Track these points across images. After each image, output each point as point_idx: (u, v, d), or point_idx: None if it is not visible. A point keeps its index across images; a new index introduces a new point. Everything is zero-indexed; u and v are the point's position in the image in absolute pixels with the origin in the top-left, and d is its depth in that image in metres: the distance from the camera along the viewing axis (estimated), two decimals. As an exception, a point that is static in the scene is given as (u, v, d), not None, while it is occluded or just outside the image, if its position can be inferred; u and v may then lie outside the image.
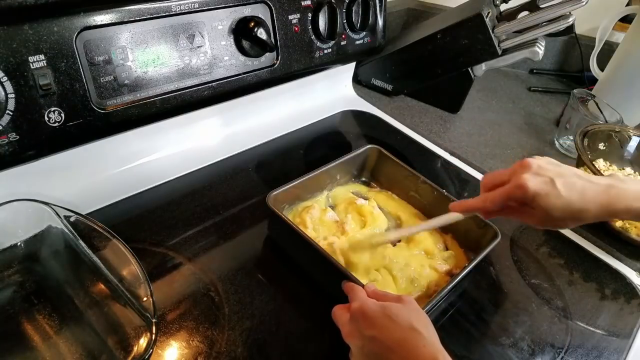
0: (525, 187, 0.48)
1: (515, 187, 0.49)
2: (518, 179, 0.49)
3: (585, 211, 0.48)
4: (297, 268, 0.59)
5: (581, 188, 0.48)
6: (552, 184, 0.48)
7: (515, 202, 0.50)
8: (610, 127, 0.87)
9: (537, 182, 0.48)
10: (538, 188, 0.48)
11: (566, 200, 0.47)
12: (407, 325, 0.42)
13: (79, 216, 0.52)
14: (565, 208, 0.48)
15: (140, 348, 0.44)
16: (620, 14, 1.06)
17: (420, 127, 0.95)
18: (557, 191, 0.47)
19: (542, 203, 0.48)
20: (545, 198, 0.48)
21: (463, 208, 0.54)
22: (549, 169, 0.49)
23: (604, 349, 0.57)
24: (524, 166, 0.50)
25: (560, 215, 0.48)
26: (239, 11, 0.64)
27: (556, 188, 0.48)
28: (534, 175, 0.49)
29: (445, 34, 0.91)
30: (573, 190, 0.48)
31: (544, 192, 0.48)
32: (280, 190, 0.59)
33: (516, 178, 0.49)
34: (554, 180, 0.48)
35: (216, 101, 0.67)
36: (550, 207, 0.48)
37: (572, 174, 0.49)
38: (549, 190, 0.48)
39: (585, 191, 0.48)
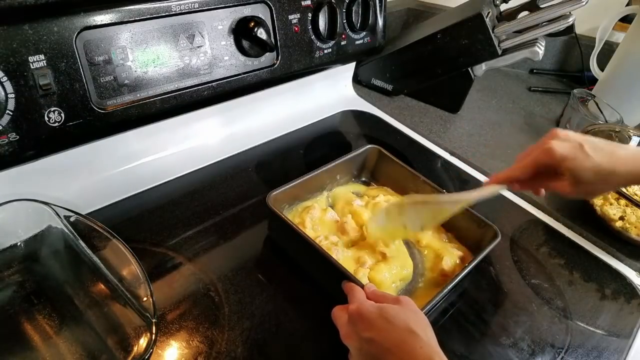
0: (552, 151, 0.49)
1: (543, 151, 0.50)
2: (545, 145, 0.50)
3: (614, 174, 0.48)
4: (297, 268, 0.59)
5: (610, 150, 0.48)
6: (579, 148, 0.48)
7: (544, 167, 0.51)
8: (610, 127, 0.87)
9: (565, 146, 0.49)
10: (566, 152, 0.48)
11: (595, 162, 0.47)
12: (404, 327, 0.42)
13: (79, 216, 0.52)
14: (595, 170, 0.48)
15: (140, 348, 0.44)
16: (620, 14, 1.06)
17: (420, 127, 0.95)
18: (585, 154, 0.48)
19: (570, 166, 0.48)
20: (573, 161, 0.48)
21: (498, 179, 0.54)
22: (576, 136, 0.50)
23: (604, 349, 0.57)
24: (552, 135, 0.51)
25: (590, 177, 0.48)
26: (239, 11, 0.64)
27: (584, 151, 0.48)
28: (561, 141, 0.50)
29: (445, 34, 0.91)
30: (601, 152, 0.48)
31: (572, 156, 0.48)
32: (280, 190, 0.59)
33: (544, 143, 0.50)
34: (582, 144, 0.48)
35: (216, 101, 0.67)
36: (579, 170, 0.48)
37: (601, 140, 0.50)
38: (577, 154, 0.48)
39: (614, 153, 0.48)
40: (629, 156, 0.48)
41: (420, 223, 0.58)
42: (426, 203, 0.58)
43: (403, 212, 0.58)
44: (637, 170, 0.48)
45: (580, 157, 0.48)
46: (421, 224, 0.58)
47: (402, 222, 0.58)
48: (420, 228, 0.58)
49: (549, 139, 0.51)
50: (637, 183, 0.49)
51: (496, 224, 0.60)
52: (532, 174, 0.52)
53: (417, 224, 0.58)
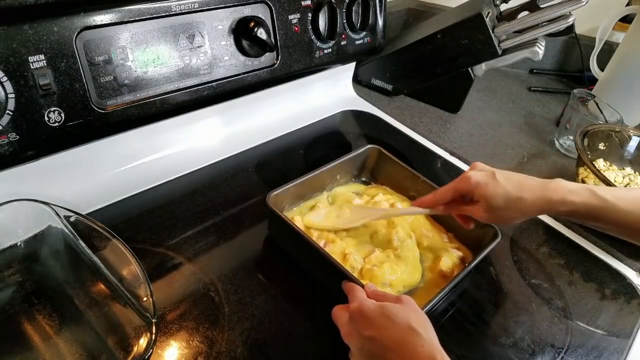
0: (468, 178, 0.55)
1: (459, 179, 0.56)
2: (463, 174, 0.56)
3: (523, 200, 0.52)
4: (297, 268, 0.59)
5: (519, 179, 0.54)
6: (492, 176, 0.54)
7: (461, 193, 0.56)
8: (610, 127, 0.87)
9: (479, 174, 0.55)
10: (479, 178, 0.54)
11: (504, 189, 0.53)
12: (405, 325, 0.42)
13: (79, 216, 0.52)
14: (504, 196, 0.53)
15: (140, 348, 0.44)
16: (620, 14, 1.06)
17: (420, 127, 0.95)
18: (497, 181, 0.53)
19: (483, 192, 0.53)
20: (485, 187, 0.53)
21: (422, 203, 0.60)
22: (491, 167, 0.56)
23: (604, 349, 0.57)
24: (472, 166, 0.58)
25: (500, 203, 0.53)
26: (239, 11, 0.64)
27: (495, 178, 0.54)
28: (477, 171, 0.56)
29: (445, 34, 0.91)
30: (511, 181, 0.53)
31: (484, 182, 0.54)
32: (280, 190, 0.59)
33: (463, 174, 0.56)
34: (494, 173, 0.54)
35: (216, 101, 0.67)
36: (490, 196, 0.53)
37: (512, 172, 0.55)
38: (489, 181, 0.54)
39: (523, 181, 0.53)
40: (535, 185, 0.53)
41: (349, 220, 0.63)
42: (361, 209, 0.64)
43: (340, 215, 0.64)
44: (542, 198, 0.52)
45: (491, 184, 0.53)
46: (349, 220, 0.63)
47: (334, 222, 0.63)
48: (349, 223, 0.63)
49: (468, 170, 0.57)
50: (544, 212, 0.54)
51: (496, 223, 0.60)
52: (450, 199, 0.57)
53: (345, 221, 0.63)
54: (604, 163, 0.85)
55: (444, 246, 0.63)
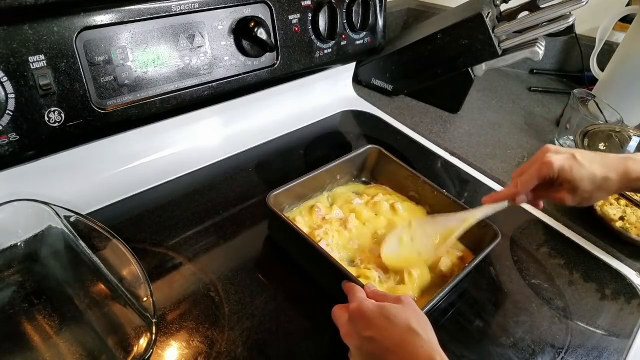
0: (550, 163, 0.53)
1: (541, 165, 0.53)
2: (543, 159, 0.54)
3: (608, 179, 0.52)
4: (297, 268, 0.59)
5: (600, 158, 0.53)
6: (573, 158, 0.52)
7: (544, 180, 0.54)
8: (610, 127, 0.87)
9: (560, 157, 0.53)
10: (562, 162, 0.52)
11: (589, 170, 0.52)
12: (404, 326, 0.42)
13: (79, 216, 0.52)
14: (590, 177, 0.52)
15: (140, 348, 0.44)
16: (620, 14, 1.06)
17: (420, 127, 0.95)
18: (579, 163, 0.52)
19: (568, 176, 0.52)
20: (569, 171, 0.52)
21: (494, 199, 0.58)
22: (568, 149, 0.55)
23: (604, 349, 0.57)
24: (545, 150, 0.55)
25: (586, 185, 0.52)
26: (239, 11, 0.64)
27: (578, 160, 0.52)
28: (556, 154, 0.54)
29: (445, 34, 0.91)
30: (593, 161, 0.52)
31: (568, 166, 0.52)
32: (280, 190, 0.59)
33: (541, 158, 0.54)
34: (574, 155, 0.53)
35: (216, 101, 0.67)
36: (576, 179, 0.52)
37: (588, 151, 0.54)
38: (572, 163, 0.52)
39: (605, 160, 0.52)
40: (616, 162, 0.52)
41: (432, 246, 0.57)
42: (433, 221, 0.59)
43: (414, 236, 0.59)
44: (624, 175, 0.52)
45: (575, 166, 0.52)
46: (433, 246, 0.57)
47: (416, 249, 0.58)
48: (434, 251, 0.57)
49: (543, 153, 0.55)
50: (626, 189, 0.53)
51: (496, 224, 0.60)
52: (533, 187, 0.55)
53: (429, 247, 0.57)
54: (604, 163, 0.85)
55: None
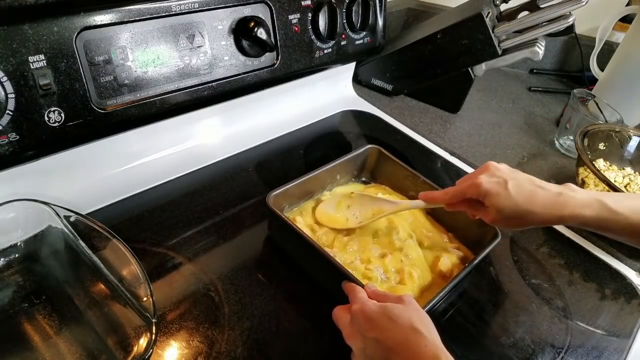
0: (478, 186, 0.53)
1: (470, 184, 0.54)
2: (475, 179, 0.54)
3: (532, 213, 0.51)
4: (297, 268, 0.59)
5: (530, 192, 0.52)
6: (503, 185, 0.52)
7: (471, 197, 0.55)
8: (610, 127, 0.87)
9: (491, 182, 0.53)
10: (490, 187, 0.52)
11: (514, 202, 0.51)
12: (408, 326, 0.42)
13: (79, 216, 0.52)
14: (514, 208, 0.51)
15: (140, 348, 0.44)
16: (620, 14, 1.06)
17: (420, 127, 0.95)
18: (507, 192, 0.51)
19: (493, 201, 0.52)
20: (495, 197, 0.52)
21: (428, 198, 0.60)
22: (505, 172, 0.54)
23: (604, 349, 0.57)
24: (484, 168, 0.56)
25: (509, 214, 0.52)
26: (239, 11, 0.64)
27: (507, 189, 0.52)
28: (489, 176, 0.54)
29: (445, 34, 0.91)
30: (522, 192, 0.51)
31: (495, 192, 0.52)
32: (280, 190, 0.59)
33: (474, 177, 0.55)
34: (506, 182, 0.52)
35: (216, 101, 0.67)
36: (499, 206, 0.52)
37: (527, 179, 0.53)
38: (500, 191, 0.52)
39: (534, 195, 0.51)
40: (546, 199, 0.51)
41: (360, 219, 0.63)
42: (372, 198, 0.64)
43: (350, 205, 0.64)
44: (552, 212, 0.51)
45: (502, 195, 0.52)
46: (360, 219, 0.63)
47: (347, 216, 0.64)
48: (359, 223, 0.63)
49: (479, 172, 0.55)
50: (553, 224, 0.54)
51: (496, 224, 0.60)
52: (459, 201, 0.56)
53: (359, 219, 0.63)
54: (604, 163, 0.85)
55: (444, 246, 0.63)
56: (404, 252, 0.60)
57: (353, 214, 0.64)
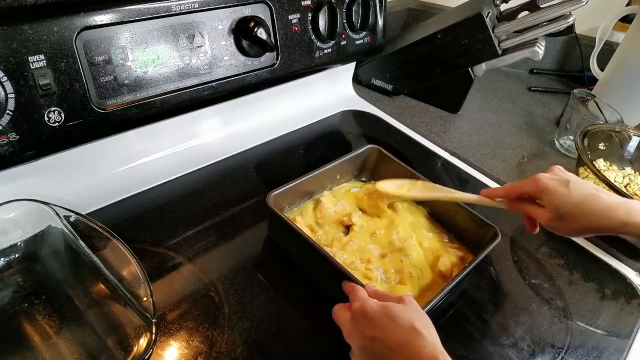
0: (537, 181, 0.51)
1: (529, 180, 0.53)
2: (534, 175, 0.53)
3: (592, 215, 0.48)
4: (297, 268, 0.59)
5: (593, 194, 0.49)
6: (565, 184, 0.50)
7: (528, 194, 0.53)
8: (610, 127, 0.87)
9: (551, 179, 0.51)
10: (549, 183, 0.50)
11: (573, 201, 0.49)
12: (408, 326, 0.42)
13: (79, 216, 0.52)
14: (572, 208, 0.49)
15: (140, 348, 0.44)
16: (620, 14, 1.06)
17: (420, 127, 0.95)
18: (567, 190, 0.49)
19: (550, 198, 0.50)
20: (554, 194, 0.50)
21: (489, 194, 0.58)
22: (569, 175, 0.52)
23: (604, 349, 0.57)
24: (548, 170, 0.54)
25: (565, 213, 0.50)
26: (239, 11, 0.64)
27: (568, 188, 0.49)
28: (551, 175, 0.52)
29: (445, 34, 0.91)
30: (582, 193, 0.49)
31: (553, 188, 0.50)
32: (280, 190, 0.59)
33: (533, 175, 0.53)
34: (568, 182, 0.50)
35: (216, 101, 0.67)
36: (557, 204, 0.50)
37: (590, 184, 0.50)
38: (559, 189, 0.50)
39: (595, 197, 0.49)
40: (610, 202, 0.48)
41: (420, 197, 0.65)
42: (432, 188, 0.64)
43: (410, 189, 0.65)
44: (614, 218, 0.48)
45: (562, 192, 0.49)
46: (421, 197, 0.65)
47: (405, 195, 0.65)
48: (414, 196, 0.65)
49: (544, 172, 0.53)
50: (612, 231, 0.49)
51: (496, 224, 0.60)
52: (516, 197, 0.55)
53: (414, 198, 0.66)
54: (604, 163, 0.85)
55: (444, 246, 0.63)
56: (404, 252, 0.60)
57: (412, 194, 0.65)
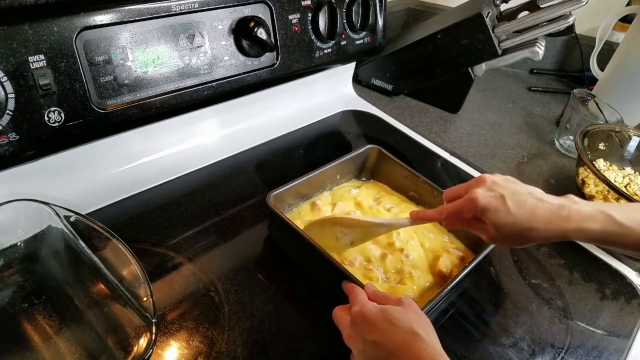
0: (475, 201, 0.49)
1: (466, 200, 0.50)
2: (471, 193, 0.50)
3: (534, 230, 0.47)
4: (297, 268, 0.59)
5: (531, 206, 0.47)
6: (502, 200, 0.48)
7: (467, 214, 0.50)
8: (610, 127, 0.87)
9: (488, 197, 0.48)
10: (487, 203, 0.48)
11: (514, 218, 0.47)
12: (407, 329, 0.42)
13: (79, 216, 0.52)
14: (514, 225, 0.47)
15: (140, 348, 0.44)
16: (620, 14, 1.06)
17: (420, 127, 0.95)
18: (507, 207, 0.47)
19: (491, 218, 0.48)
20: (494, 213, 0.48)
21: (421, 217, 0.55)
22: (502, 186, 0.49)
23: (604, 349, 0.57)
24: (479, 181, 0.51)
25: (509, 231, 0.48)
26: (239, 11, 0.64)
27: (506, 204, 0.47)
28: (486, 191, 0.49)
29: (445, 34, 0.91)
30: (522, 208, 0.47)
31: (493, 207, 0.48)
32: (280, 190, 0.59)
33: (470, 192, 0.50)
34: (504, 197, 0.48)
35: (216, 101, 0.67)
36: (499, 223, 0.48)
37: (526, 192, 0.49)
38: (499, 206, 0.48)
39: (535, 210, 0.47)
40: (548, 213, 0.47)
41: (351, 239, 0.58)
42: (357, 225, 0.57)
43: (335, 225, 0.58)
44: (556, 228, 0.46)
45: (501, 210, 0.47)
46: (351, 239, 0.58)
47: (335, 234, 0.58)
48: (351, 244, 0.58)
49: (475, 186, 0.50)
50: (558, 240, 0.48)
51: (496, 224, 0.60)
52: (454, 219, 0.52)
53: (347, 239, 0.58)
54: (604, 163, 0.85)
55: (444, 246, 0.63)
56: (405, 252, 0.60)
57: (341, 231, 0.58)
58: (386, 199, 0.69)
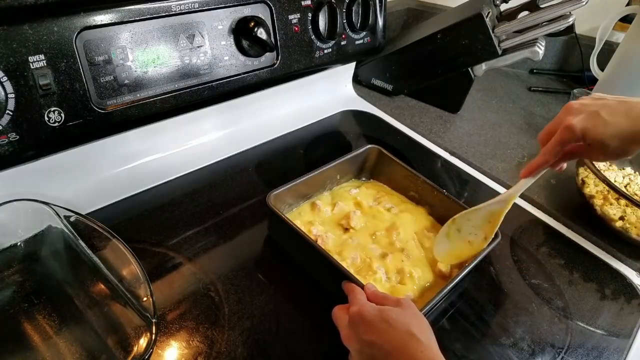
0: (571, 127, 0.49)
1: (563, 130, 0.50)
2: (565, 122, 0.50)
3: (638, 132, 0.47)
4: (297, 268, 0.59)
5: (625, 109, 0.48)
6: (596, 116, 0.48)
7: (570, 144, 0.51)
8: (610, 127, 0.86)
9: (582, 118, 0.49)
10: (583, 123, 0.49)
11: (615, 126, 0.47)
12: (405, 331, 0.42)
13: (79, 216, 0.52)
14: (617, 134, 0.47)
15: (140, 348, 0.44)
16: (620, 14, 1.06)
17: (420, 127, 0.95)
18: (603, 120, 0.48)
19: (593, 135, 0.48)
20: (593, 130, 0.48)
21: (532, 170, 0.55)
22: (591, 104, 0.50)
23: (604, 349, 0.57)
24: (567, 109, 0.51)
25: (616, 143, 0.48)
26: (239, 11, 0.64)
27: (601, 118, 0.48)
28: (577, 113, 0.50)
29: (445, 34, 0.91)
30: (617, 114, 0.48)
31: (591, 125, 0.48)
32: (280, 190, 0.59)
33: (563, 121, 0.51)
34: (597, 112, 0.48)
35: (216, 101, 0.67)
36: (602, 138, 0.48)
37: (616, 101, 0.49)
38: (595, 122, 0.48)
39: (630, 111, 0.47)
40: None
41: (482, 233, 0.57)
42: (475, 210, 0.58)
43: (460, 228, 0.58)
44: None
45: (599, 124, 0.48)
46: (483, 233, 0.57)
47: (466, 240, 0.58)
48: (484, 238, 0.57)
49: (565, 115, 0.51)
50: None
51: (496, 224, 0.60)
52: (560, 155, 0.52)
53: (479, 235, 0.57)
54: (604, 163, 0.85)
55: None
56: (405, 252, 0.60)
57: (470, 233, 0.58)
58: (386, 198, 0.69)
